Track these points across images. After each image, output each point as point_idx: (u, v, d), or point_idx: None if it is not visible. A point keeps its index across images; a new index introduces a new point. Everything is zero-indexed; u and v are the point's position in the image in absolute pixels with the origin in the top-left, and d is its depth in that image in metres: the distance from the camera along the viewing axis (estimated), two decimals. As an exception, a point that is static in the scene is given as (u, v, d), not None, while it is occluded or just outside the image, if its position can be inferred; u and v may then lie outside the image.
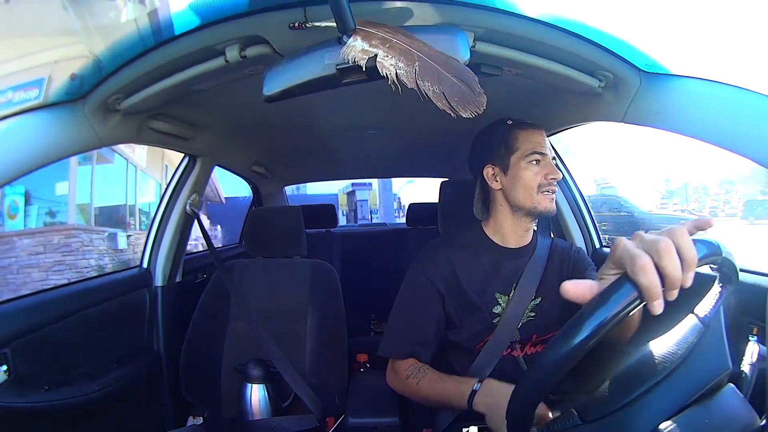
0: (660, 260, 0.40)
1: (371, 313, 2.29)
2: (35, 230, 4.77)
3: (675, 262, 0.40)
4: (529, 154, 0.90)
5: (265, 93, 0.70)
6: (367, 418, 0.97)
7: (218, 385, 1.23)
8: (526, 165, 0.90)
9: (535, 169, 0.90)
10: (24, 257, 4.67)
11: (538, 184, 0.90)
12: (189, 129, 1.19)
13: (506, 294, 0.92)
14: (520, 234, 0.96)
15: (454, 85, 0.60)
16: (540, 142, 0.92)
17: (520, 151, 0.91)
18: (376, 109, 1.31)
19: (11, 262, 4.58)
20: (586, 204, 1.45)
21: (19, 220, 4.60)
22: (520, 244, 0.96)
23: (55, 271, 4.59)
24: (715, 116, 0.70)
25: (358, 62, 0.61)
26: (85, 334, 1.06)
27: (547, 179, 0.90)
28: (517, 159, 0.91)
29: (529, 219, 0.94)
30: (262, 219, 1.44)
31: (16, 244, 4.66)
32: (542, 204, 0.90)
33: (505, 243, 0.96)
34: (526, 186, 0.90)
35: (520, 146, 0.91)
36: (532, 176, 0.90)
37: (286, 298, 1.30)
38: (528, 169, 0.90)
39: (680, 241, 0.41)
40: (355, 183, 10.56)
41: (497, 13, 0.72)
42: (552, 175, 0.90)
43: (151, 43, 0.76)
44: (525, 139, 0.92)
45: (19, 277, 4.50)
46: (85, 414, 1.01)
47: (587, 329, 0.41)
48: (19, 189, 4.69)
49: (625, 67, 0.80)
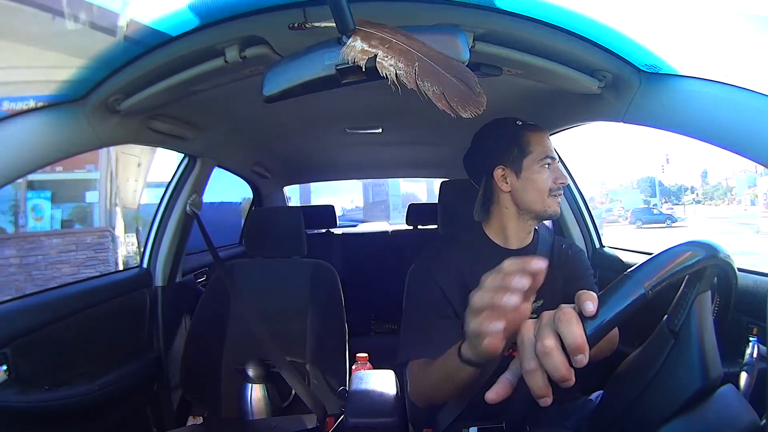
0: (543, 362, 0.40)
1: (371, 314, 2.29)
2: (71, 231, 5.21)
3: (554, 361, 0.40)
4: (543, 157, 0.91)
5: (265, 93, 0.70)
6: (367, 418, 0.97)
7: (218, 385, 1.23)
8: (540, 169, 0.91)
9: (547, 173, 0.91)
10: (54, 255, 5.00)
11: (549, 188, 0.91)
12: (189, 129, 1.19)
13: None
14: (522, 236, 0.96)
15: (453, 85, 0.60)
16: (550, 146, 0.93)
17: (534, 154, 0.91)
18: (376, 110, 1.31)
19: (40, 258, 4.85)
20: (586, 204, 1.46)
21: (45, 222, 4.93)
22: (522, 245, 0.96)
23: (87, 266, 4.91)
24: (715, 116, 0.70)
25: (358, 62, 0.61)
26: (85, 334, 1.06)
27: (557, 183, 0.91)
28: (531, 162, 0.91)
29: (534, 221, 0.95)
30: (262, 219, 1.44)
31: (44, 243, 4.99)
32: (552, 207, 0.91)
33: (507, 244, 0.96)
34: (538, 189, 0.91)
35: (533, 149, 0.91)
36: (545, 180, 0.90)
37: (286, 298, 1.30)
38: (541, 172, 0.91)
39: (563, 331, 0.40)
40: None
41: (497, 13, 0.72)
42: (561, 180, 0.91)
43: (151, 43, 0.76)
44: (538, 142, 0.92)
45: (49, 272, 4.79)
46: (85, 414, 1.01)
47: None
48: (45, 194, 4.98)
49: (625, 67, 0.80)
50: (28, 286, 4.52)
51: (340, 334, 1.26)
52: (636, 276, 0.42)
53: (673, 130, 0.78)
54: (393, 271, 1.86)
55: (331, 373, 1.22)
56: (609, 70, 0.81)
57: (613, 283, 0.42)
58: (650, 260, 0.43)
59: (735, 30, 0.75)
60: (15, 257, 4.69)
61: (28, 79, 0.85)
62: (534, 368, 0.41)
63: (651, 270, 0.42)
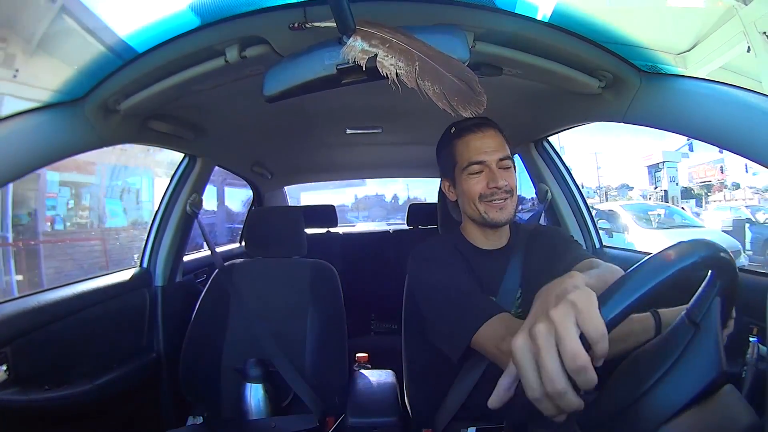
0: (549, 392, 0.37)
1: (371, 313, 2.29)
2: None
3: (552, 376, 0.37)
4: (465, 166, 0.86)
5: (266, 93, 0.70)
6: (367, 418, 0.97)
7: (218, 385, 1.23)
8: (466, 177, 0.87)
9: (474, 179, 0.86)
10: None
11: (480, 194, 0.85)
12: (189, 129, 1.19)
13: (493, 296, 0.89)
14: (491, 240, 0.93)
15: (454, 85, 0.60)
16: (477, 148, 0.86)
17: (459, 164, 0.88)
18: (376, 110, 1.31)
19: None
20: (585, 204, 1.45)
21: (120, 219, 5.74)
22: (496, 247, 0.94)
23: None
24: (715, 116, 0.70)
25: (359, 62, 0.61)
26: (85, 334, 1.06)
27: (489, 188, 0.84)
28: (459, 171, 0.88)
29: (486, 227, 0.90)
30: (262, 219, 1.44)
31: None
32: (489, 214, 0.85)
33: (480, 245, 0.94)
34: (468, 197, 0.87)
35: (459, 158, 0.88)
36: (472, 187, 0.86)
37: (286, 298, 1.30)
38: (468, 180, 0.86)
39: (561, 334, 0.37)
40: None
41: (497, 13, 0.72)
42: (493, 183, 0.84)
43: (151, 43, 0.76)
44: (462, 150, 0.87)
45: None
46: (85, 414, 1.01)
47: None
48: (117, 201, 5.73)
49: (625, 67, 0.80)
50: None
51: (340, 334, 1.26)
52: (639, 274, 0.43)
53: (673, 130, 0.78)
54: (393, 271, 1.85)
55: (331, 373, 1.22)
56: (609, 70, 0.81)
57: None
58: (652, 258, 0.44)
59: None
60: (101, 242, 5.45)
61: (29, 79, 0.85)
62: (540, 397, 0.37)
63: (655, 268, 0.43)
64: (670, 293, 0.44)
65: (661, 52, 0.76)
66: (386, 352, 1.34)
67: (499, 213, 0.85)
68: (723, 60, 0.75)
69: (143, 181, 6.04)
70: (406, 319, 1.11)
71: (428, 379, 1.03)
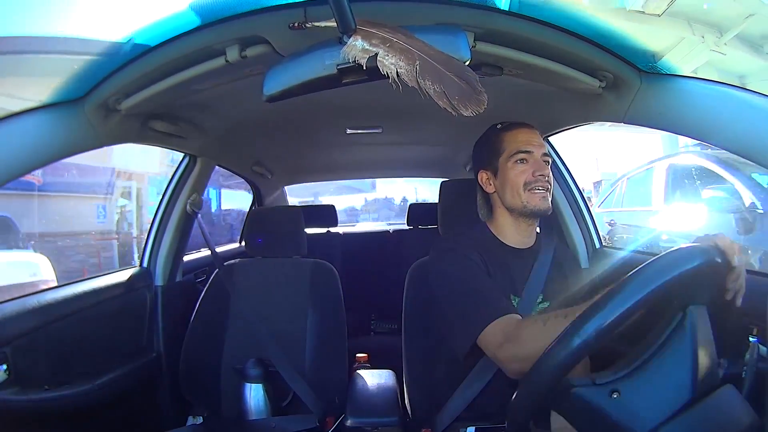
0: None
1: (371, 313, 2.29)
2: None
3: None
4: (513, 153, 0.91)
5: (266, 93, 0.70)
6: (367, 418, 0.97)
7: (218, 385, 1.23)
8: (512, 165, 0.91)
9: (521, 167, 0.90)
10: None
11: (525, 182, 0.89)
12: (189, 129, 1.19)
13: (518, 295, 0.91)
14: (522, 236, 0.95)
15: (454, 84, 0.60)
16: (525, 140, 0.92)
17: (506, 153, 0.92)
18: (376, 110, 1.31)
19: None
20: (586, 203, 1.45)
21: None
22: (524, 246, 0.96)
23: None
24: (715, 116, 0.70)
25: (359, 61, 0.61)
26: (85, 334, 1.06)
27: (534, 176, 0.89)
28: (504, 160, 0.92)
29: (527, 220, 0.93)
30: (262, 219, 1.44)
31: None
32: (531, 202, 0.89)
33: (510, 243, 0.96)
34: (513, 185, 0.90)
35: (505, 147, 0.92)
36: (518, 175, 0.90)
37: (286, 297, 1.30)
38: (513, 168, 0.91)
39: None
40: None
41: (497, 13, 0.72)
42: (539, 171, 0.89)
43: (151, 43, 0.76)
44: (510, 140, 0.93)
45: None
46: (85, 414, 1.01)
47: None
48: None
49: (625, 67, 0.80)
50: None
51: (340, 334, 1.26)
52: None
53: (674, 130, 0.78)
54: (393, 270, 1.86)
55: (331, 373, 1.22)
56: (609, 70, 0.81)
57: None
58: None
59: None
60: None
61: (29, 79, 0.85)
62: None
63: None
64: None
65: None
66: (386, 352, 1.34)
67: (541, 202, 0.89)
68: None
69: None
70: (406, 319, 1.11)
71: (428, 379, 1.03)
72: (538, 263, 0.94)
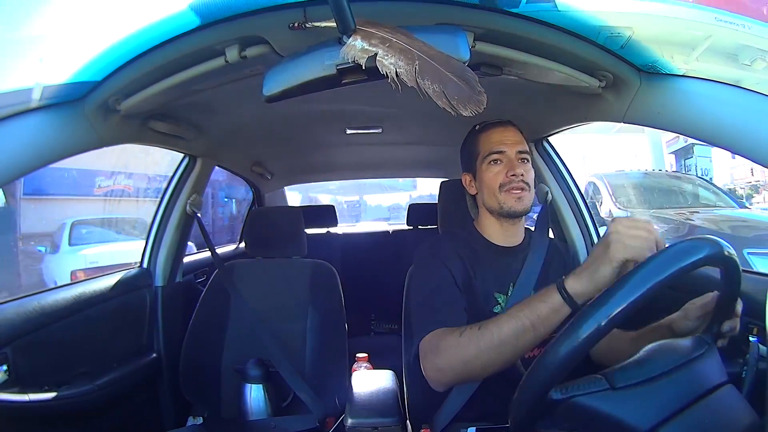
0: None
1: (371, 313, 2.29)
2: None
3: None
4: (487, 154, 0.91)
5: (265, 93, 0.70)
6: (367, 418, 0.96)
7: (218, 385, 1.23)
8: (487, 167, 0.91)
9: (495, 168, 0.90)
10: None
11: (500, 183, 0.89)
12: (189, 129, 1.19)
13: (504, 293, 0.92)
14: (507, 235, 0.95)
15: (454, 84, 0.60)
16: (498, 140, 0.91)
17: (481, 154, 0.93)
18: (376, 110, 1.31)
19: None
20: (585, 203, 1.45)
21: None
22: (512, 244, 0.96)
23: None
24: (715, 116, 0.70)
25: (358, 62, 0.61)
26: (85, 334, 1.06)
27: (507, 177, 0.88)
28: (480, 162, 0.93)
29: (508, 220, 0.93)
30: (262, 219, 1.44)
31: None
32: (507, 203, 0.89)
33: (496, 241, 0.96)
34: (488, 187, 0.91)
35: (480, 149, 0.93)
36: (493, 176, 0.90)
37: (286, 298, 1.30)
38: (488, 170, 0.91)
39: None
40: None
41: (497, 13, 0.72)
42: (512, 171, 0.88)
43: (151, 43, 0.76)
44: (484, 141, 0.93)
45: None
46: (85, 414, 1.01)
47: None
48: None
49: (625, 67, 0.80)
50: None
51: (340, 334, 1.26)
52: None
53: (674, 130, 0.78)
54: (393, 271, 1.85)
55: (331, 374, 1.22)
56: (609, 70, 0.81)
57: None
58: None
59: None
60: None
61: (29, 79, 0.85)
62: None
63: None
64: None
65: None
66: (386, 352, 1.34)
67: (516, 203, 0.89)
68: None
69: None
70: (405, 319, 1.11)
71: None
72: (528, 261, 0.93)
